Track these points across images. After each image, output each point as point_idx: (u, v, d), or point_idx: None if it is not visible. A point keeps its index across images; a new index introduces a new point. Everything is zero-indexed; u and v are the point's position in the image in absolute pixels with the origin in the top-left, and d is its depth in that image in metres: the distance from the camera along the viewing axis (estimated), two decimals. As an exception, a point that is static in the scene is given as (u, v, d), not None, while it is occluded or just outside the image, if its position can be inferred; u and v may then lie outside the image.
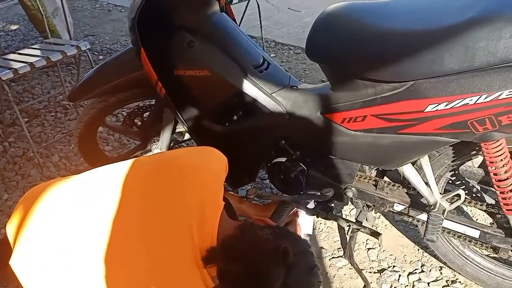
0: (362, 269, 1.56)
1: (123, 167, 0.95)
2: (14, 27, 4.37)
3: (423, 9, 1.10)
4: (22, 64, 2.13)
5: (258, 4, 2.55)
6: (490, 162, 1.13)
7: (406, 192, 1.36)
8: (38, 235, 0.87)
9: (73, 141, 2.28)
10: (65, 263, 0.84)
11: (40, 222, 0.89)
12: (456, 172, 1.36)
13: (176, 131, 1.78)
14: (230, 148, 1.23)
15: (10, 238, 0.91)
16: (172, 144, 1.86)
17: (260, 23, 2.71)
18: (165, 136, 1.71)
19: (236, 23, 1.59)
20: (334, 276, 1.55)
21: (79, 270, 0.84)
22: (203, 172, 0.96)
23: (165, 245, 0.86)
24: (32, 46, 2.47)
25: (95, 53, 3.59)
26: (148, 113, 1.84)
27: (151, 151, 1.82)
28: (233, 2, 1.47)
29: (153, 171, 0.95)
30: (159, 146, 1.74)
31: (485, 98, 0.98)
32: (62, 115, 2.67)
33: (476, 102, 1.00)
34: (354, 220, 1.50)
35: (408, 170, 1.27)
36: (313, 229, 1.72)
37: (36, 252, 0.86)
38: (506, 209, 1.18)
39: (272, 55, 3.36)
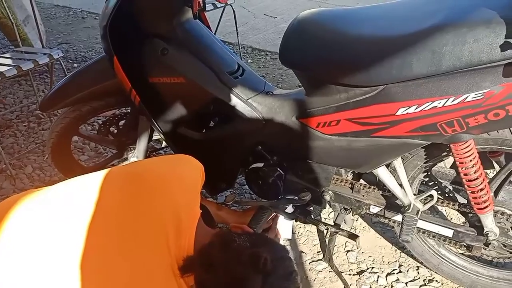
0: (341, 272, 1.57)
1: (97, 178, 0.93)
2: (-17, 35, 4.25)
3: (391, 16, 1.12)
4: (-8, 74, 2.08)
5: (234, 11, 2.57)
6: (460, 163, 1.16)
7: (381, 194, 1.38)
8: (9, 250, 0.85)
9: (47, 151, 2.23)
10: (38, 278, 0.82)
11: (11, 236, 0.86)
12: (429, 173, 1.39)
13: (153, 138, 1.77)
14: (207, 155, 1.23)
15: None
16: (149, 151, 1.84)
17: (236, 29, 2.73)
18: (142, 144, 1.69)
19: (211, 30, 1.59)
20: (314, 280, 1.56)
21: (53, 286, 0.82)
22: (178, 181, 0.95)
23: (141, 256, 0.85)
24: (2, 55, 2.41)
25: (70, 61, 3.53)
26: (123, 121, 1.82)
27: (127, 159, 1.79)
28: (207, 9, 1.47)
29: (126, 182, 0.93)
30: (136, 154, 1.72)
31: (453, 101, 1.01)
32: (35, 125, 2.61)
33: (444, 105, 1.03)
34: (333, 223, 1.52)
35: (382, 173, 1.29)
36: (293, 233, 1.73)
37: (7, 267, 0.83)
38: (477, 208, 1.21)
39: (249, 61, 3.38)
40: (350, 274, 1.58)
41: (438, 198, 1.30)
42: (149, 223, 0.86)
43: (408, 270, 1.58)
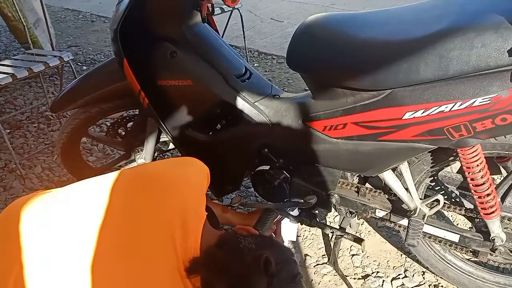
0: (346, 276, 1.57)
1: (107, 181, 0.95)
2: (-5, 38, 4.32)
3: (398, 20, 1.13)
4: (4, 75, 2.11)
5: (241, 15, 2.59)
6: (466, 168, 1.16)
7: (387, 198, 1.38)
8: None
9: (56, 152, 2.26)
10: (44, 280, 0.83)
11: (23, 238, 0.87)
12: (435, 177, 1.39)
13: (160, 140, 1.78)
14: (214, 157, 1.24)
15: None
16: (156, 153, 1.85)
17: (243, 33, 2.75)
18: (149, 146, 1.70)
19: (219, 34, 1.61)
20: (319, 283, 1.56)
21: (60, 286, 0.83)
22: (184, 183, 0.96)
23: (148, 258, 0.86)
24: (14, 57, 2.45)
25: (79, 63, 3.57)
26: (131, 123, 1.84)
27: (135, 161, 1.81)
28: (215, 13, 1.49)
29: (133, 185, 0.94)
30: (143, 156, 1.73)
31: (460, 106, 1.01)
32: (45, 126, 2.64)
33: (452, 109, 1.03)
34: (338, 227, 1.52)
35: (388, 176, 1.29)
36: (297, 236, 1.73)
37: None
38: (483, 213, 1.21)
39: (255, 64, 3.39)
40: (355, 278, 1.58)
41: (445, 202, 1.30)
42: (157, 225, 0.87)
43: (413, 275, 1.58)
